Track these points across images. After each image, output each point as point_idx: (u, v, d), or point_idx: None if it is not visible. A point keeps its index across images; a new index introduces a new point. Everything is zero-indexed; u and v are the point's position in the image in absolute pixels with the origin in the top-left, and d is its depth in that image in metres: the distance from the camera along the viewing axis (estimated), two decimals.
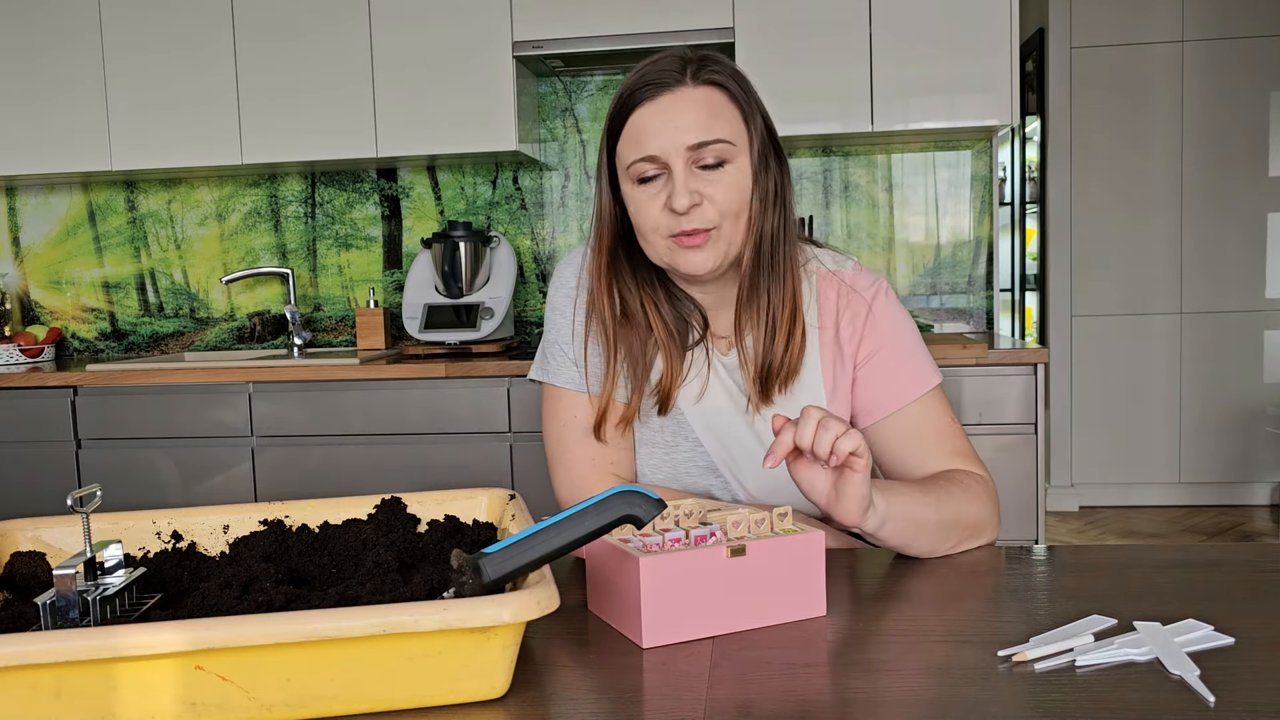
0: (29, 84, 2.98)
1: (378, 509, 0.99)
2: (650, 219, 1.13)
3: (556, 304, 1.27)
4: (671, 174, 1.11)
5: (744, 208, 1.14)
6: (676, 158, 1.11)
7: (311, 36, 2.88)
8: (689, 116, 1.11)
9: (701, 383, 1.23)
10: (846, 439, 0.93)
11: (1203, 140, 4.31)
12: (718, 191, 1.12)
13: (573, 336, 1.24)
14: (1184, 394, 4.41)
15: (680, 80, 1.12)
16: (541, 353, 1.29)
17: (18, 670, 0.66)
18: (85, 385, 2.76)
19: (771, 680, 0.78)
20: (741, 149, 1.13)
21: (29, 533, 0.94)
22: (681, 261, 1.14)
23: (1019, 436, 2.51)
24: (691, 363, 1.23)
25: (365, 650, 0.70)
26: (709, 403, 1.23)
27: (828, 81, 2.70)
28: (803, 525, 0.95)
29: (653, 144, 1.11)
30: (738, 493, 1.25)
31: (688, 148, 1.10)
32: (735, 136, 1.13)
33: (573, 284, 1.26)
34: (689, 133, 1.10)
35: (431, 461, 2.66)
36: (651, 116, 1.12)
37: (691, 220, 1.11)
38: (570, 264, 1.27)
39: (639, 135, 1.12)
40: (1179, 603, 0.92)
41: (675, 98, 1.12)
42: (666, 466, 1.25)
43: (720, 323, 1.25)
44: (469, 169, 3.20)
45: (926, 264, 3.08)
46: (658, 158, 1.11)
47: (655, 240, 1.15)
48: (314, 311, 3.29)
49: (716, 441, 1.24)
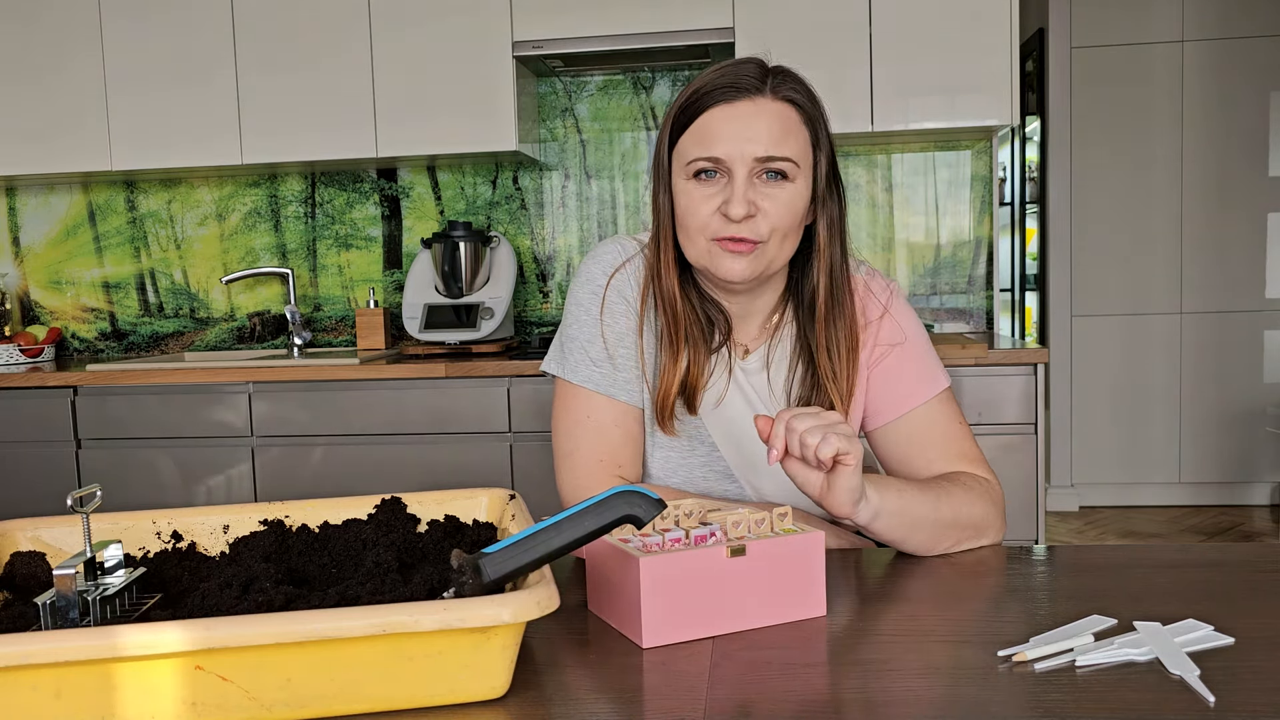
0: (29, 84, 2.98)
1: (378, 509, 0.99)
2: (699, 218, 1.13)
3: (582, 300, 1.24)
4: (732, 179, 1.11)
5: (793, 228, 1.14)
6: (741, 166, 1.11)
7: (311, 37, 2.88)
8: (762, 127, 1.11)
9: (721, 389, 1.23)
10: (825, 446, 0.94)
11: (1203, 140, 4.31)
12: (773, 207, 1.12)
13: (599, 336, 1.22)
14: (1184, 394, 4.41)
15: (760, 89, 1.12)
16: (560, 347, 1.26)
17: (18, 670, 0.66)
18: (85, 385, 2.76)
19: (771, 680, 0.78)
20: (804, 170, 1.14)
21: (29, 533, 0.94)
22: (721, 266, 1.14)
23: (1019, 436, 2.51)
24: (714, 368, 1.23)
25: (365, 650, 0.70)
26: (727, 409, 1.23)
27: (827, 81, 2.68)
28: (803, 525, 0.96)
29: (721, 148, 1.11)
30: (751, 499, 1.25)
31: (755, 159, 1.10)
32: (801, 157, 1.13)
33: (601, 282, 1.24)
34: (759, 144, 1.10)
35: (431, 461, 2.66)
36: (725, 120, 1.11)
37: (742, 229, 1.11)
38: (599, 261, 1.25)
39: (708, 135, 1.12)
40: (1179, 603, 0.92)
41: (753, 106, 1.11)
42: (683, 470, 1.24)
43: (743, 331, 1.25)
44: (469, 169, 3.20)
45: (926, 264, 3.08)
46: (723, 162, 1.11)
47: (698, 239, 1.14)
48: (314, 311, 3.29)
49: (733, 448, 1.23)
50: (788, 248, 1.16)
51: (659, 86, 3.12)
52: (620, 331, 1.22)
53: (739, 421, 1.23)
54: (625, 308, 1.23)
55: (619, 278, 1.23)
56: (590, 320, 1.23)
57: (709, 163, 1.12)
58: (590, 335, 1.23)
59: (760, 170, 1.11)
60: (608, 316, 1.23)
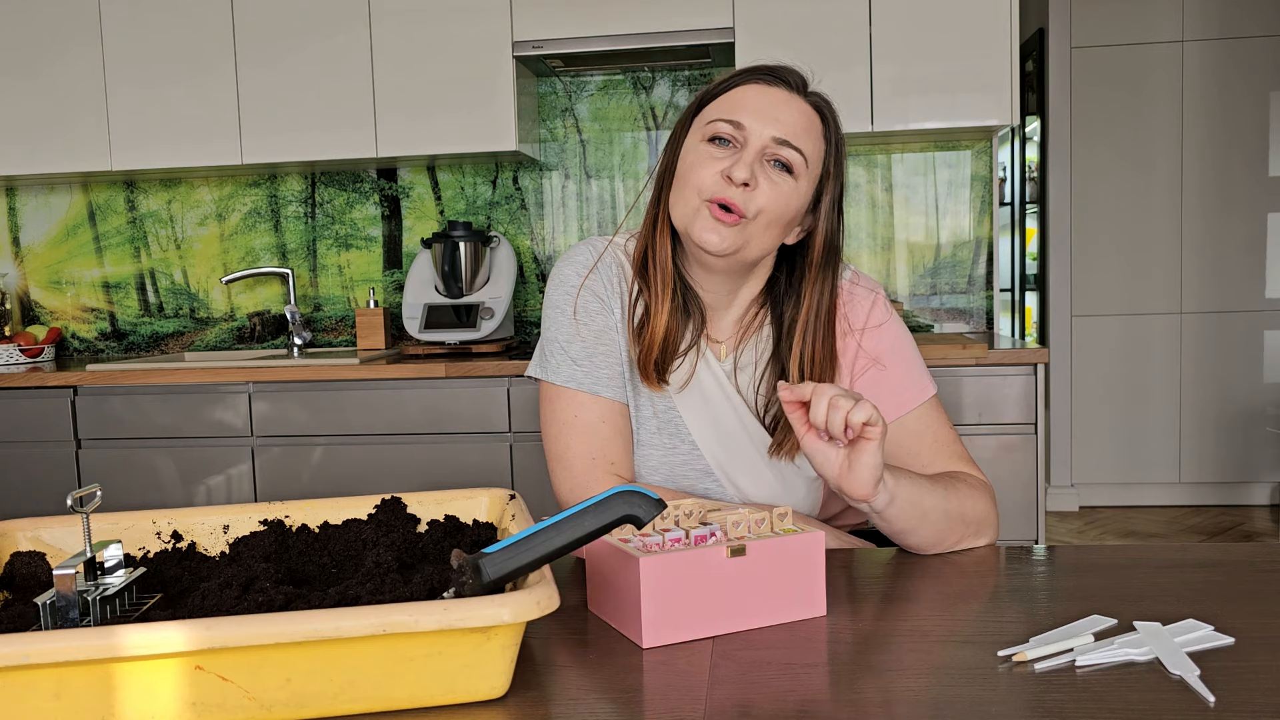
0: (29, 84, 2.98)
1: (378, 509, 0.99)
2: (701, 175, 1.15)
3: (557, 301, 1.26)
4: (745, 149, 1.14)
5: (781, 219, 1.16)
6: (758, 140, 1.14)
7: (311, 36, 2.88)
8: (789, 115, 1.16)
9: (690, 369, 1.23)
10: (858, 410, 0.96)
11: (1203, 140, 4.31)
12: (771, 190, 1.14)
13: (577, 335, 1.23)
14: (1184, 394, 4.41)
15: (798, 89, 1.19)
16: (540, 350, 1.28)
17: (18, 670, 0.66)
18: (85, 385, 2.76)
19: (771, 680, 0.78)
20: (810, 174, 1.17)
21: (29, 533, 0.94)
22: (699, 229, 1.15)
23: (1019, 436, 2.51)
24: (687, 348, 1.23)
25: (365, 650, 0.70)
26: (706, 408, 1.24)
27: (827, 81, 2.68)
28: (803, 525, 0.96)
29: (747, 116, 1.15)
30: (733, 497, 1.25)
31: (773, 138, 1.14)
32: (813, 158, 1.17)
33: (575, 283, 1.25)
34: (782, 126, 1.14)
35: (431, 461, 2.66)
36: (758, 95, 1.17)
37: (736, 196, 1.13)
38: (572, 262, 1.27)
39: (738, 103, 1.16)
40: (1179, 603, 0.92)
41: (787, 97, 1.17)
42: (664, 468, 1.25)
43: (717, 326, 1.26)
44: (469, 169, 3.20)
45: (926, 264, 3.08)
46: (744, 127, 1.14)
47: (691, 197, 1.16)
48: (314, 311, 3.29)
49: (712, 446, 1.24)
50: (769, 238, 1.17)
51: (659, 86, 3.12)
52: (598, 330, 1.23)
53: (718, 419, 1.24)
54: (600, 306, 1.24)
55: (592, 277, 1.25)
56: (567, 321, 1.24)
57: (730, 126, 1.15)
58: (569, 335, 1.24)
59: (772, 155, 1.14)
60: (583, 315, 1.24)
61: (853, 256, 3.09)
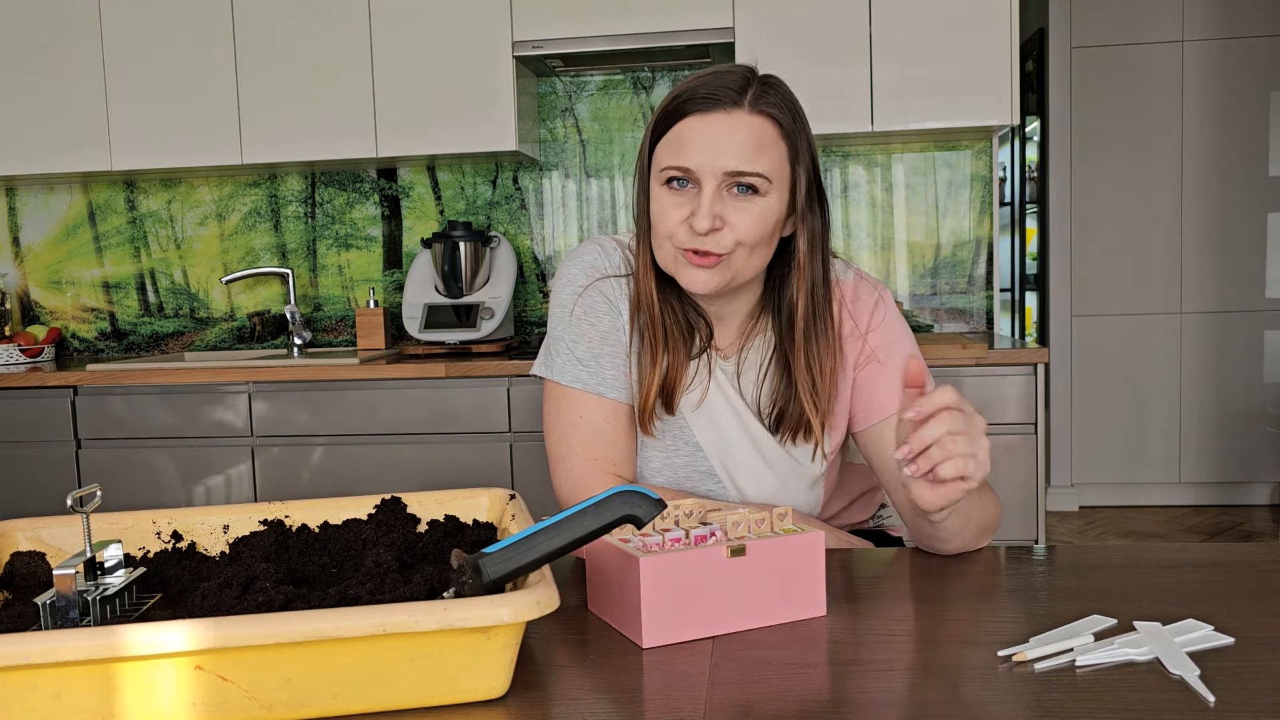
0: (29, 84, 2.98)
1: (378, 509, 0.99)
2: (668, 225, 1.13)
3: (564, 301, 1.25)
4: (701, 190, 1.10)
5: (763, 241, 1.13)
6: (710, 178, 1.10)
7: (311, 36, 2.88)
8: (734, 142, 1.09)
9: (703, 390, 1.23)
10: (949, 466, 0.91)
11: (1203, 140, 4.31)
12: (741, 220, 1.11)
13: (583, 335, 1.23)
14: (1184, 394, 4.40)
15: (737, 102, 1.10)
16: (546, 349, 1.27)
17: (18, 670, 0.66)
18: (85, 385, 2.76)
19: (771, 680, 0.78)
20: (779, 186, 1.12)
21: (29, 533, 0.94)
22: (684, 276, 1.14)
23: (1019, 436, 2.51)
24: (696, 371, 1.23)
25: (365, 650, 0.70)
26: (709, 410, 1.23)
27: (828, 81, 2.70)
28: (803, 525, 0.96)
29: (692, 158, 1.10)
30: (735, 498, 1.25)
31: (725, 172, 1.09)
32: (775, 173, 1.11)
33: (582, 282, 1.24)
34: (730, 158, 1.09)
35: (431, 461, 2.66)
36: (698, 131, 1.10)
37: (706, 243, 1.11)
38: (578, 261, 1.26)
39: (681, 144, 1.11)
40: (1179, 603, 0.92)
41: (727, 119, 1.10)
42: (667, 470, 1.25)
43: (724, 335, 1.25)
44: (469, 169, 3.20)
45: (926, 264, 3.08)
46: (692, 172, 1.10)
47: (666, 246, 1.14)
48: (314, 311, 3.29)
49: (716, 448, 1.24)
50: (757, 259, 1.15)
51: (659, 86, 3.12)
52: (604, 330, 1.23)
53: (721, 421, 1.23)
54: (607, 306, 1.23)
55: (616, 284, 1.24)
56: (573, 320, 1.23)
57: (679, 172, 1.11)
58: (575, 335, 1.23)
59: (730, 184, 1.11)
60: (590, 316, 1.23)
61: (853, 256, 3.09)
